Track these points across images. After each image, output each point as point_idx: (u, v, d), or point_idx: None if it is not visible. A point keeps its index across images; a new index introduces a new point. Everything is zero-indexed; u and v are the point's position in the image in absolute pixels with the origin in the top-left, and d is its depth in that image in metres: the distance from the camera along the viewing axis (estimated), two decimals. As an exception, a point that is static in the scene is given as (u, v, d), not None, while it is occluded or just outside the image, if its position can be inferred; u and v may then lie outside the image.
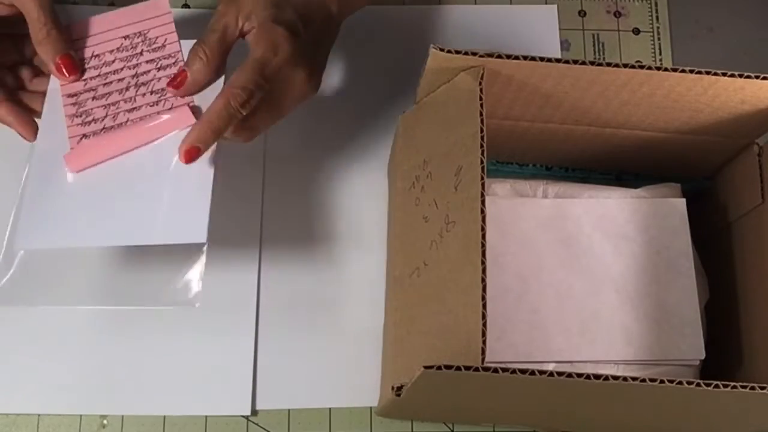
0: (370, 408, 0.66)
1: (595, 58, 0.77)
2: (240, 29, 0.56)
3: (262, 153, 0.71)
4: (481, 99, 0.52)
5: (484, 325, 0.47)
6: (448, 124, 0.55)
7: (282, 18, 0.56)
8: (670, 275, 0.62)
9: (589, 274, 0.61)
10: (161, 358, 0.66)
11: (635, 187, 0.65)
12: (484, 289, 0.47)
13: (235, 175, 0.70)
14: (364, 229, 0.70)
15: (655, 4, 0.79)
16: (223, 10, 0.56)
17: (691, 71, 0.54)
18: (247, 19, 0.56)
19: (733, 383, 0.46)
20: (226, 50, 0.56)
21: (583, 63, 0.53)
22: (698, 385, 0.46)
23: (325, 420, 0.66)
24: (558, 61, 0.53)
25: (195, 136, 0.54)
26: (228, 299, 0.67)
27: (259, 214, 0.70)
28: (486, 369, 0.45)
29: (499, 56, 0.53)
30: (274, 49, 0.55)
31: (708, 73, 0.54)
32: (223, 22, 0.56)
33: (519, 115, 0.61)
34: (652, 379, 0.46)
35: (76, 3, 0.75)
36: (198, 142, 0.54)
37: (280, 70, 0.56)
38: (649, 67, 0.54)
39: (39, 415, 0.65)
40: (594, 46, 0.78)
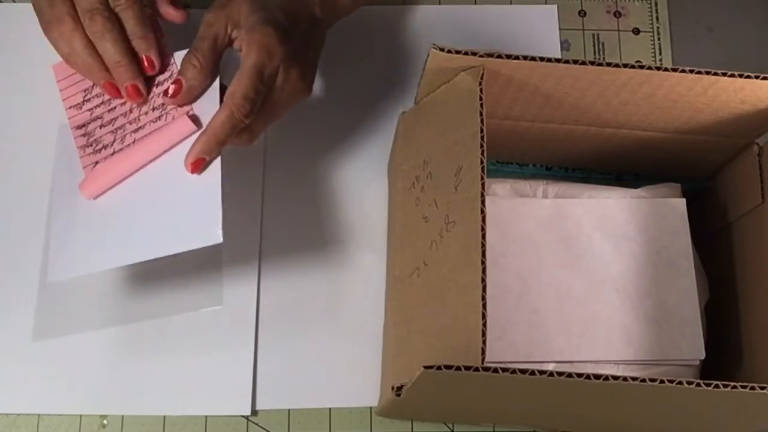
0: (370, 408, 0.66)
1: (595, 58, 0.77)
2: (229, 36, 0.56)
3: (262, 153, 0.71)
4: (481, 99, 0.52)
5: (484, 325, 0.47)
6: (448, 124, 0.55)
7: (271, 20, 0.56)
8: (670, 275, 0.62)
9: (589, 274, 0.61)
10: (161, 358, 0.66)
11: (635, 187, 0.65)
12: (484, 289, 0.47)
13: (235, 176, 0.69)
14: (364, 229, 0.70)
15: (655, 4, 0.79)
16: (211, 18, 0.56)
17: (691, 71, 0.54)
18: (236, 26, 0.56)
19: (733, 383, 0.46)
20: (218, 56, 0.57)
21: (583, 63, 0.53)
22: (698, 385, 0.46)
23: (325, 420, 0.66)
24: (558, 61, 0.53)
25: (200, 148, 0.55)
26: (228, 299, 0.67)
27: (259, 214, 0.70)
28: (486, 369, 0.45)
29: (499, 56, 0.53)
30: (268, 53, 0.55)
31: (708, 73, 0.54)
32: (213, 30, 0.56)
33: (519, 115, 0.61)
34: (652, 379, 0.46)
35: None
36: (203, 154, 0.55)
37: (277, 72, 0.56)
38: (649, 67, 0.54)
39: (39, 415, 0.65)
40: (594, 46, 0.78)
